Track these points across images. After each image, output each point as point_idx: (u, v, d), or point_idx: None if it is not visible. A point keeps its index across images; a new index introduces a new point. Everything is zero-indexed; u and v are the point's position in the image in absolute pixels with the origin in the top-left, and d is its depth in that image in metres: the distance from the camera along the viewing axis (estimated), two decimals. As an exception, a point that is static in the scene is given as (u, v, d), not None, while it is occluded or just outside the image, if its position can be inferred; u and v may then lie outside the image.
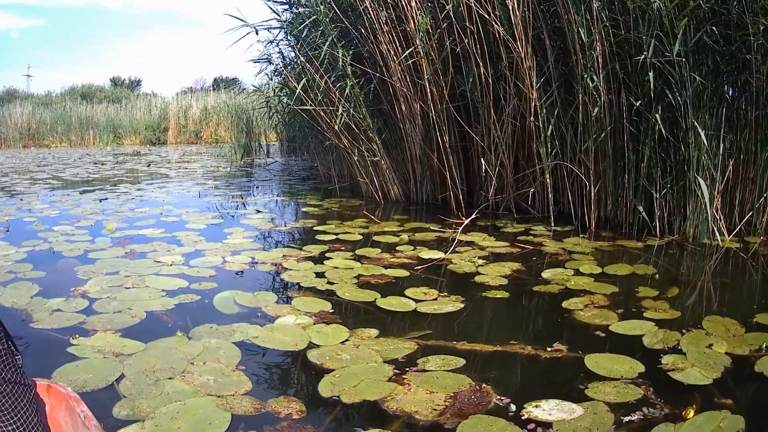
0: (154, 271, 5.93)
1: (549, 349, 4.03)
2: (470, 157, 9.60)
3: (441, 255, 6.57)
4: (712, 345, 4.04)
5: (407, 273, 5.94)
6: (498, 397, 3.34)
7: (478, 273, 5.93)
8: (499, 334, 4.44)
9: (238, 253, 6.73)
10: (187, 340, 4.15)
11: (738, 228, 7.31)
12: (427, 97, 9.05)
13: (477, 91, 8.62)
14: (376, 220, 8.65)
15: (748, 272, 6.22)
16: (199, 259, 6.40)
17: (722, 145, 7.16)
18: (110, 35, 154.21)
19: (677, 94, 6.86)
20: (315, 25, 9.52)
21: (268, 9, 10.75)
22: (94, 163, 19.94)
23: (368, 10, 9.03)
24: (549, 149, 8.08)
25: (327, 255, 6.64)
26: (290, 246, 7.25)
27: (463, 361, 3.82)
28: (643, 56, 6.85)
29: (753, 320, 4.54)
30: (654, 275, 5.83)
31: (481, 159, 9.00)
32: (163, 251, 6.75)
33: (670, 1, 6.54)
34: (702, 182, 6.81)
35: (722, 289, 5.70)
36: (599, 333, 4.34)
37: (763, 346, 4.01)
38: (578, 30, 7.34)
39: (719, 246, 6.91)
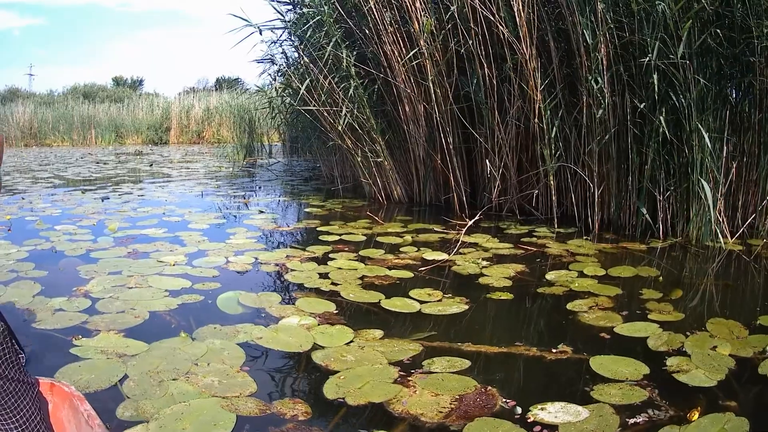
0: (156, 270, 5.91)
1: (554, 350, 4.02)
2: (474, 158, 9.59)
3: (445, 256, 6.57)
4: (716, 347, 4.02)
5: (411, 274, 5.92)
6: (503, 399, 3.32)
7: (482, 274, 5.91)
8: (504, 336, 4.42)
9: (242, 253, 6.71)
10: (191, 341, 4.13)
11: (741, 230, 7.30)
12: (431, 98, 9.03)
13: (481, 92, 8.60)
14: (380, 221, 8.64)
15: (751, 274, 6.21)
16: (202, 259, 6.39)
17: (726, 147, 7.14)
18: (111, 34, 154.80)
19: (681, 96, 6.84)
20: (319, 25, 9.51)
21: (271, 9, 10.80)
22: (96, 163, 19.95)
23: (372, 11, 9.02)
24: (553, 151, 8.05)
25: (330, 256, 6.62)
26: (293, 246, 7.24)
27: (469, 362, 3.80)
28: (647, 58, 6.82)
29: (756, 322, 4.53)
30: (657, 277, 5.82)
31: (485, 160, 8.99)
32: (165, 251, 6.74)
33: (674, 4, 6.52)
34: (705, 185, 6.80)
35: (725, 291, 5.67)
36: (604, 335, 4.33)
37: (767, 348, 4.00)
38: (583, 32, 7.32)
39: (722, 248, 6.89)
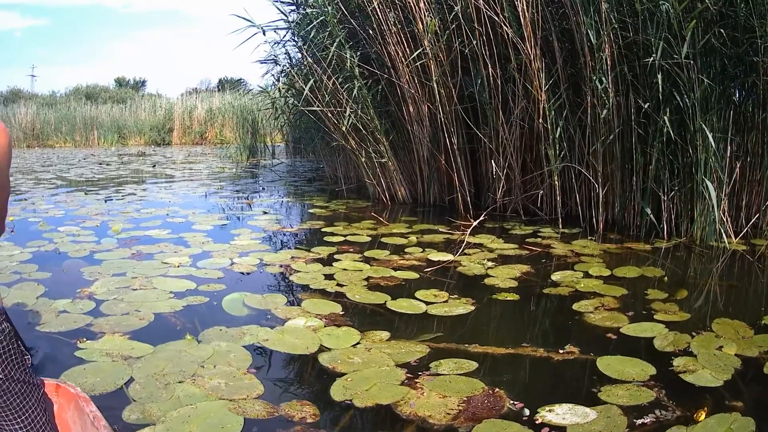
0: (161, 272, 5.90)
1: (561, 351, 4.01)
2: (478, 158, 9.58)
3: (450, 257, 6.55)
4: (722, 347, 4.03)
5: (417, 275, 5.90)
6: (511, 401, 3.32)
7: (488, 275, 5.90)
8: (511, 337, 4.42)
9: (246, 254, 6.70)
10: (197, 343, 4.11)
11: (744, 230, 7.29)
12: (435, 98, 9.01)
13: (485, 92, 8.59)
14: (384, 222, 8.62)
15: (755, 274, 6.21)
16: (206, 261, 6.37)
17: (729, 147, 7.13)
18: (113, 35, 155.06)
19: (685, 96, 6.84)
20: (323, 25, 9.50)
21: (273, 10, 10.77)
22: (99, 164, 19.93)
23: (376, 11, 9.01)
24: (557, 151, 8.04)
25: (335, 257, 6.61)
26: (298, 248, 7.23)
27: (476, 364, 3.79)
28: (651, 58, 6.81)
29: (761, 322, 4.54)
30: (662, 277, 5.82)
31: (489, 161, 8.99)
32: (170, 252, 6.72)
33: (678, 4, 6.51)
34: (710, 185, 6.79)
35: (729, 291, 5.68)
36: (610, 335, 4.32)
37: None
38: (587, 32, 7.30)
39: (726, 248, 6.88)
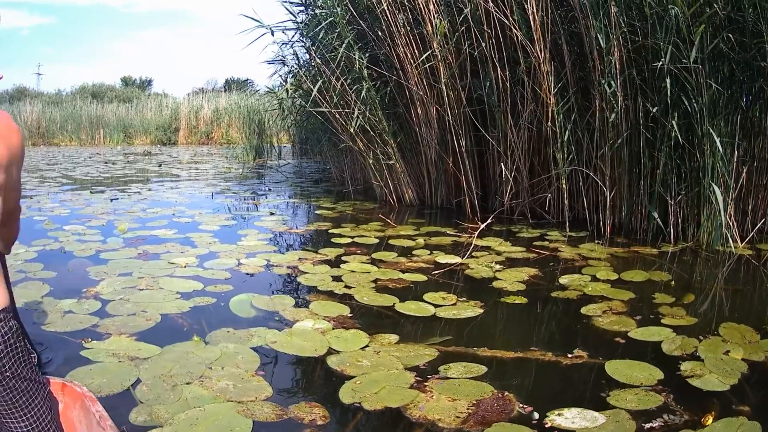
0: (167, 272, 5.89)
1: (569, 355, 4.01)
2: (485, 161, 9.56)
3: (458, 260, 6.53)
4: (728, 351, 4.04)
5: (425, 277, 5.89)
6: (521, 404, 3.31)
7: (496, 278, 5.89)
8: (519, 341, 4.40)
9: (253, 255, 6.68)
10: (204, 345, 4.09)
11: (750, 235, 7.27)
12: (443, 101, 8.99)
13: (494, 95, 8.57)
14: (392, 224, 8.60)
15: (760, 279, 6.20)
16: (213, 261, 6.36)
17: (736, 152, 7.11)
18: (119, 34, 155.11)
19: (693, 101, 6.82)
20: (332, 27, 9.49)
21: (278, 12, 10.79)
22: (105, 163, 19.95)
23: (385, 13, 9.00)
24: (565, 155, 8.01)
25: (343, 258, 6.59)
26: (305, 249, 7.21)
27: (485, 368, 3.79)
28: (660, 62, 6.80)
29: (767, 327, 4.52)
30: (669, 282, 5.81)
31: (497, 164, 8.97)
32: (176, 252, 6.71)
33: (687, 8, 6.49)
34: (716, 189, 6.77)
35: (735, 295, 5.69)
36: (618, 339, 4.33)
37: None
38: (596, 35, 7.29)
39: (732, 253, 6.88)
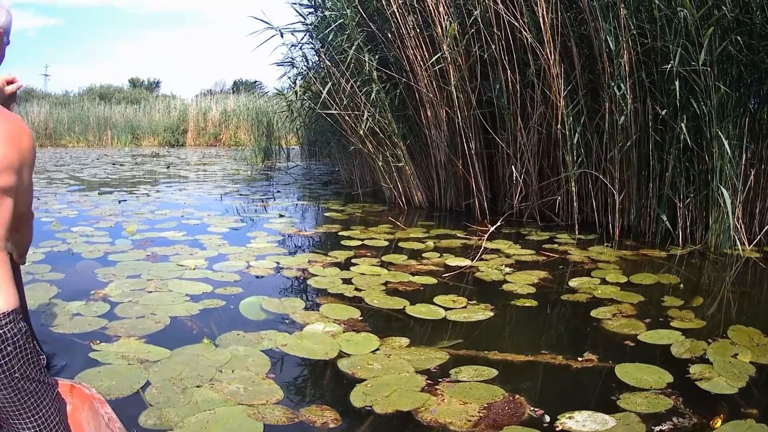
0: (176, 274, 5.87)
1: (580, 358, 4.01)
2: (495, 164, 9.55)
3: (468, 262, 6.52)
4: (737, 354, 4.05)
5: (435, 280, 5.88)
6: (531, 407, 3.31)
7: (506, 281, 5.88)
8: (530, 344, 4.39)
9: (263, 257, 6.67)
10: (214, 347, 4.08)
11: (758, 238, 7.25)
12: (453, 103, 8.98)
13: (504, 97, 8.56)
14: (402, 226, 8.59)
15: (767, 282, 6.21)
16: (222, 263, 6.34)
17: (744, 155, 7.09)
18: (125, 36, 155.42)
19: (702, 103, 6.82)
20: (341, 28, 9.49)
21: (286, 14, 10.78)
22: (113, 164, 19.96)
23: (395, 15, 8.99)
24: (575, 157, 8.00)
25: (353, 261, 6.57)
26: (315, 251, 7.19)
27: (496, 371, 3.78)
28: (670, 65, 6.79)
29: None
30: (678, 285, 5.82)
31: (507, 166, 8.97)
32: (185, 254, 6.70)
33: (696, 11, 6.49)
34: (725, 192, 6.77)
35: (743, 298, 5.69)
36: (628, 342, 4.33)
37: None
38: (605, 38, 7.29)
39: (740, 256, 6.88)
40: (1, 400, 1.98)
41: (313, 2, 10.97)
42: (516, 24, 7.94)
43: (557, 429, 3.10)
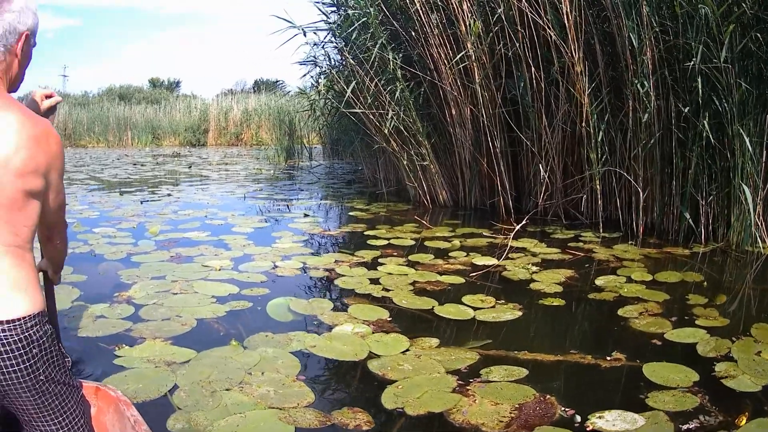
0: (202, 275, 5.85)
1: (608, 358, 4.00)
2: (519, 162, 9.52)
3: (494, 261, 6.49)
4: (760, 352, 4.06)
5: (462, 280, 5.85)
6: (562, 407, 3.30)
7: (533, 280, 5.85)
8: (559, 343, 4.39)
9: (289, 258, 6.65)
10: (243, 349, 4.06)
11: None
12: (477, 101, 8.96)
13: (528, 95, 8.53)
14: (427, 225, 8.56)
15: (789, 280, 6.19)
16: (248, 264, 6.32)
17: (765, 152, 7.01)
18: (144, 36, 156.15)
19: (723, 100, 6.78)
20: (365, 27, 9.46)
21: (302, 13, 10.75)
22: (134, 164, 20.01)
23: (419, 13, 8.96)
24: (599, 155, 7.97)
25: (380, 260, 6.54)
26: (341, 251, 7.15)
27: (526, 371, 3.76)
28: (692, 62, 6.75)
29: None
30: (702, 282, 5.82)
31: (532, 164, 8.96)
32: (210, 255, 6.68)
33: (717, 8, 6.45)
34: (746, 189, 6.74)
35: (764, 296, 5.66)
36: (655, 341, 4.32)
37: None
38: (628, 35, 7.26)
39: (761, 253, 6.86)
40: (26, 402, 1.98)
41: (335, 1, 10.94)
42: (539, 21, 7.90)
43: (588, 429, 3.10)
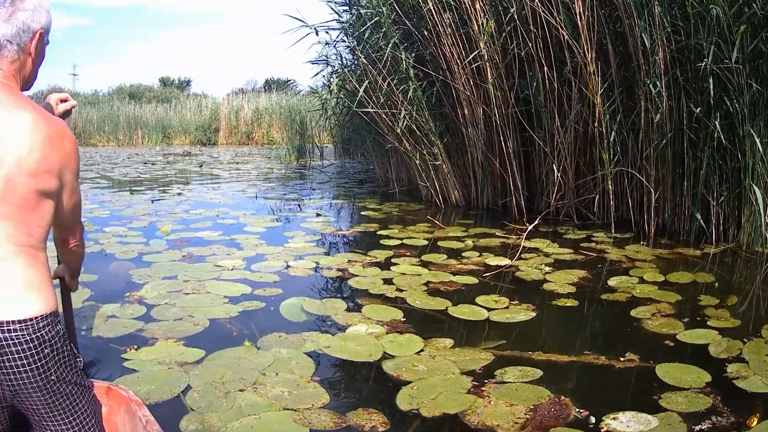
0: (214, 275, 5.83)
1: (622, 358, 4.00)
2: (531, 162, 9.50)
3: (507, 262, 6.49)
4: None
5: (476, 280, 5.83)
6: (577, 409, 3.29)
7: (546, 280, 5.84)
8: (573, 344, 4.37)
9: (301, 257, 6.63)
10: (256, 350, 4.05)
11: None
12: (490, 101, 8.94)
13: (540, 95, 8.52)
14: (440, 225, 8.54)
15: (799, 281, 6.19)
16: (261, 264, 6.30)
17: (775, 153, 7.00)
18: (155, 35, 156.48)
19: (735, 101, 6.78)
20: (377, 26, 9.46)
21: (310, 12, 10.73)
22: (144, 163, 20.07)
23: (431, 12, 8.94)
24: (611, 155, 7.96)
25: (393, 260, 6.52)
26: (354, 251, 7.13)
27: (540, 372, 3.75)
28: (704, 63, 6.74)
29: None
30: (713, 283, 5.80)
31: (545, 164, 8.94)
32: (222, 255, 6.66)
33: (728, 8, 6.44)
34: (757, 190, 6.73)
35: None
36: (668, 342, 4.32)
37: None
38: (641, 35, 7.25)
39: (771, 254, 6.85)
40: (36, 402, 1.98)
41: (348, 0, 10.93)
42: (552, 21, 7.88)
43: (602, 430, 3.09)
